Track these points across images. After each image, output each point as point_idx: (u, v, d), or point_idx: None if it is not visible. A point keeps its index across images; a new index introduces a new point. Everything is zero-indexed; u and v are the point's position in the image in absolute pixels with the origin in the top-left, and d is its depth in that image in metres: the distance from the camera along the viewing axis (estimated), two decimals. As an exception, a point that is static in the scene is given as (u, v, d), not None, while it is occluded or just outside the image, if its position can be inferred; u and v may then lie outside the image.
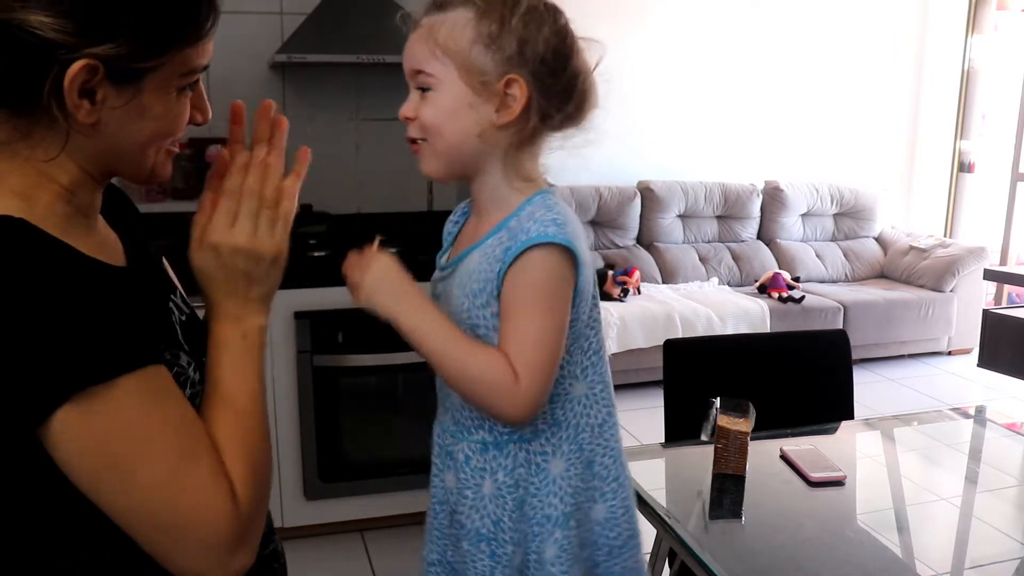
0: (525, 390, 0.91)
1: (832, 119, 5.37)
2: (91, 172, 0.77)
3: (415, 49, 0.94)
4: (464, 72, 0.91)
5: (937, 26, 5.50)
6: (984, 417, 2.14)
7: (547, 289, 0.92)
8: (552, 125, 0.97)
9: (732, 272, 4.95)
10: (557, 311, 0.93)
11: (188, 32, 0.75)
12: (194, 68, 0.77)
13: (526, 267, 0.91)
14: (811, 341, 2.25)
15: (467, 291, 0.96)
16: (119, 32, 0.69)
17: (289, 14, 2.96)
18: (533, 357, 0.91)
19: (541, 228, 0.91)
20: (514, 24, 0.91)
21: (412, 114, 0.95)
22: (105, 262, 0.75)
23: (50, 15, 0.67)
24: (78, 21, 0.68)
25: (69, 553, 0.76)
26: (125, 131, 0.75)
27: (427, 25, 0.93)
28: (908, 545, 1.53)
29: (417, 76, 0.94)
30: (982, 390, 4.41)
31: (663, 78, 4.98)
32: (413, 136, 0.97)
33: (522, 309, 0.92)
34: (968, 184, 5.53)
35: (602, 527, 1.04)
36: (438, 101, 0.93)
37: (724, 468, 1.56)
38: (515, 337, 0.92)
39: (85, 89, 0.70)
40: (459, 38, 0.91)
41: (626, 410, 3.97)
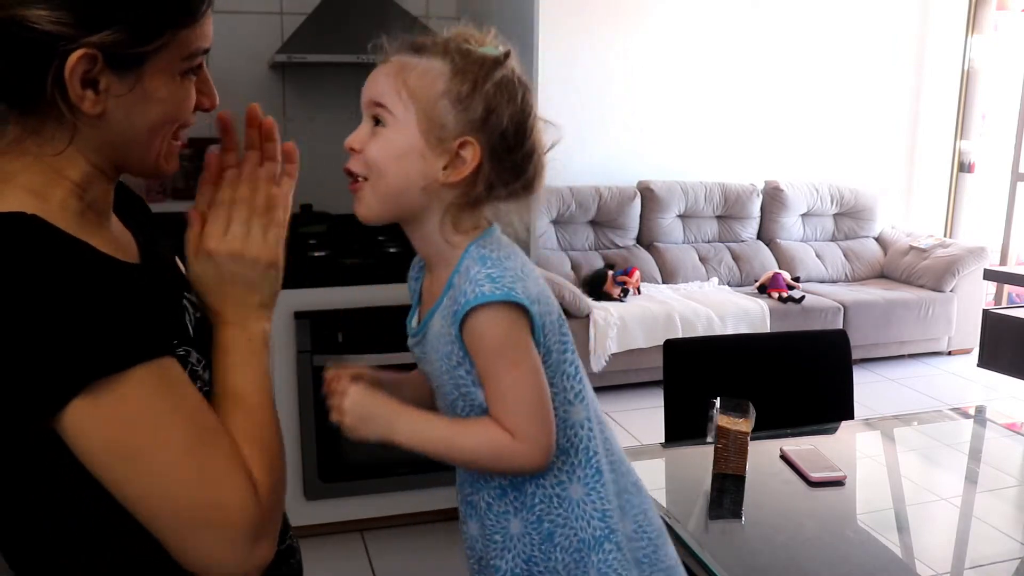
0: (526, 442, 0.93)
1: (832, 119, 5.37)
2: (101, 166, 0.77)
3: (380, 81, 0.93)
4: (424, 120, 0.91)
5: (937, 26, 5.50)
6: (984, 417, 2.14)
7: (503, 345, 0.92)
8: (496, 196, 0.96)
9: (732, 272, 4.95)
10: (522, 359, 0.93)
11: (184, 13, 0.75)
12: (195, 51, 0.77)
13: (473, 332, 0.92)
14: (811, 341, 2.25)
15: (440, 354, 0.97)
16: (115, 19, 0.70)
17: (289, 14, 2.97)
18: (518, 410, 0.93)
19: (476, 288, 0.90)
20: (486, 90, 0.91)
21: (359, 146, 0.94)
22: (118, 258, 0.75)
23: (47, 8, 0.67)
24: (74, 11, 0.68)
25: (69, 553, 0.76)
26: (131, 119, 0.75)
27: (399, 63, 0.93)
28: (908, 545, 1.53)
29: (375, 107, 0.93)
30: (982, 390, 4.41)
31: (663, 78, 4.98)
32: (354, 171, 0.95)
33: (491, 371, 0.93)
34: (968, 184, 5.53)
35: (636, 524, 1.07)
36: (390, 139, 0.93)
37: (724, 468, 1.56)
38: (495, 399, 0.94)
39: (87, 79, 0.71)
40: (429, 87, 0.91)
41: (626, 410, 3.98)
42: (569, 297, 4.07)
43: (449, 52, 0.92)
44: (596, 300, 4.26)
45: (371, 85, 0.94)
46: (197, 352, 0.82)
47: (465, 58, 0.92)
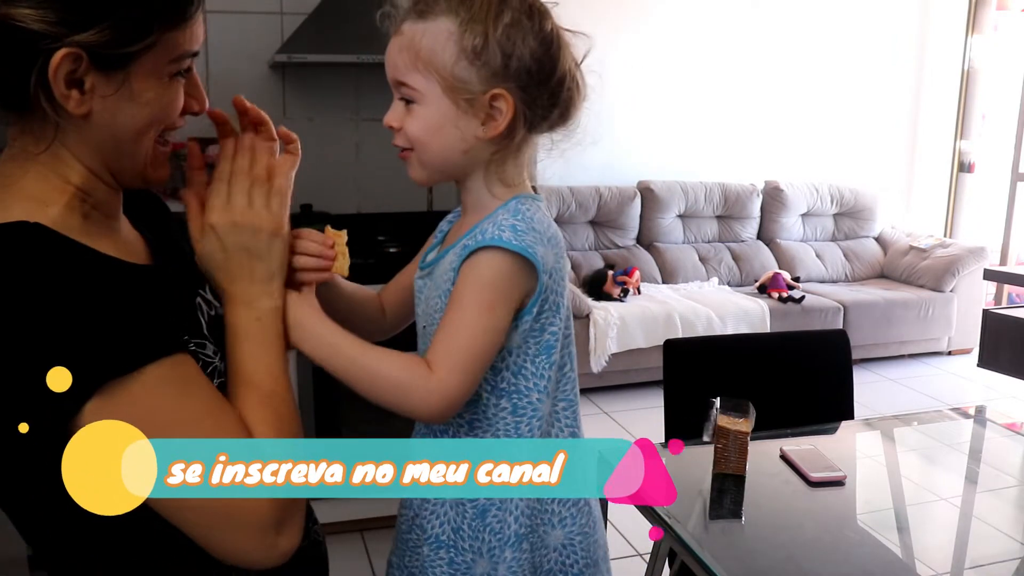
0: (439, 384, 0.87)
1: (832, 119, 5.37)
2: (96, 171, 0.77)
3: (396, 59, 0.91)
4: (448, 88, 0.89)
5: (937, 26, 5.50)
6: (984, 417, 2.14)
7: (489, 287, 0.89)
8: (539, 131, 0.96)
9: (732, 272, 4.95)
10: (496, 310, 0.89)
11: (172, 14, 0.74)
12: (183, 53, 0.77)
13: (471, 266, 0.90)
14: (811, 341, 2.25)
15: (440, 290, 0.95)
16: (100, 18, 0.69)
17: (289, 14, 2.96)
18: (455, 348, 0.88)
19: (496, 232, 0.90)
20: (499, 37, 0.88)
21: (397, 124, 0.93)
22: (123, 260, 0.75)
23: (32, 6, 0.67)
24: (59, 10, 0.68)
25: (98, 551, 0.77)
26: (117, 120, 0.74)
27: (408, 34, 0.90)
28: (908, 545, 1.53)
29: (400, 88, 0.92)
30: (982, 390, 4.41)
31: (663, 78, 4.98)
32: (400, 144, 0.95)
33: (460, 303, 0.89)
34: (968, 184, 5.53)
35: (558, 553, 1.00)
36: (423, 116, 0.91)
37: (724, 468, 1.56)
38: (444, 328, 0.90)
39: (72, 79, 0.70)
40: (442, 54, 0.88)
41: (626, 410, 3.98)
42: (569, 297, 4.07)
43: (452, 6, 0.89)
44: (596, 300, 4.26)
45: (390, 64, 0.92)
46: (212, 345, 0.83)
47: (468, 8, 0.89)
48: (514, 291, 0.91)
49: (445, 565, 0.98)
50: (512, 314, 0.91)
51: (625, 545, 2.71)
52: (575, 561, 1.01)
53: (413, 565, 1.01)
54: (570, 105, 0.95)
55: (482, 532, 0.97)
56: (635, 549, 2.69)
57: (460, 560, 0.97)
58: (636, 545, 2.71)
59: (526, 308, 0.93)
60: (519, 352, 0.94)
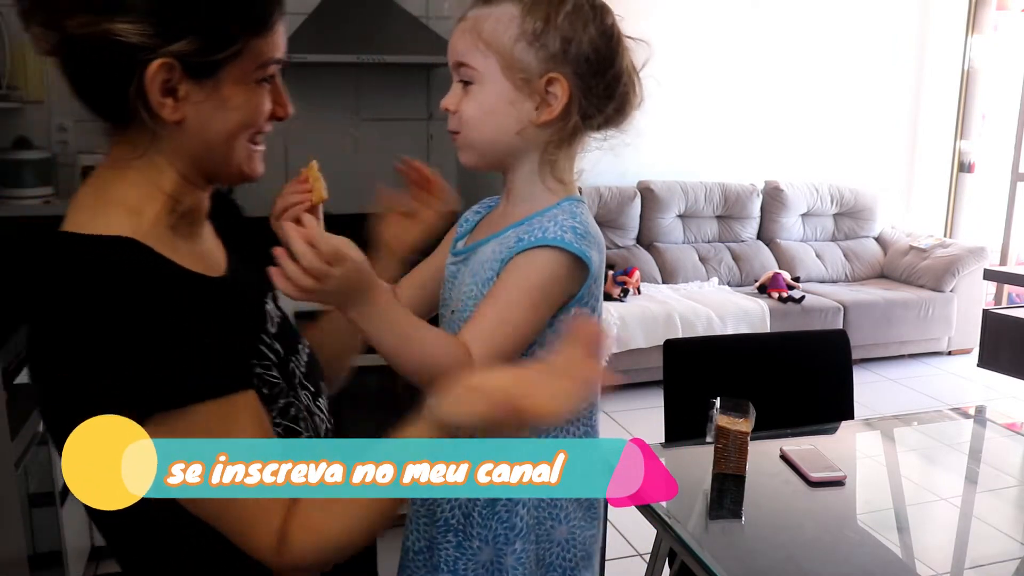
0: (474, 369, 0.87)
1: (832, 119, 5.37)
2: (189, 176, 0.81)
3: (458, 41, 0.94)
4: (506, 68, 0.91)
5: (937, 26, 5.50)
6: (984, 417, 2.14)
7: (540, 287, 0.91)
8: (592, 125, 0.97)
9: (732, 272, 4.95)
10: (540, 311, 0.91)
11: (257, 23, 0.78)
12: (267, 60, 0.80)
13: (530, 260, 0.91)
14: (811, 341, 2.25)
15: (478, 278, 0.96)
16: (191, 29, 0.73)
17: (289, 14, 2.92)
18: (495, 340, 0.89)
19: (559, 232, 0.91)
20: (559, 22, 0.91)
21: (454, 107, 0.95)
22: (204, 274, 0.79)
23: (129, 20, 0.71)
24: (154, 22, 0.72)
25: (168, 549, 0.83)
26: (209, 125, 0.79)
27: (472, 18, 0.93)
28: (908, 545, 1.53)
29: (460, 69, 0.94)
30: (982, 390, 4.41)
31: (663, 78, 4.96)
32: (452, 128, 0.97)
33: (506, 296, 0.90)
34: (968, 184, 5.53)
35: (561, 548, 1.01)
36: (479, 96, 0.93)
37: (724, 468, 1.56)
38: (484, 316, 0.90)
39: (167, 87, 0.75)
40: (503, 34, 0.91)
41: (626, 410, 3.97)
42: (569, 297, 4.07)
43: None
44: (596, 300, 4.26)
45: (452, 47, 0.95)
46: (281, 348, 0.87)
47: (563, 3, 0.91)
48: (563, 292, 0.92)
49: (452, 548, 0.99)
50: (554, 312, 0.93)
51: (625, 545, 2.71)
52: (574, 555, 1.02)
53: (423, 546, 1.01)
54: (625, 103, 0.98)
55: (491, 520, 0.98)
56: (635, 549, 2.69)
57: (467, 545, 0.98)
58: (636, 545, 2.71)
59: (566, 307, 0.94)
60: (550, 347, 0.93)
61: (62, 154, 2.82)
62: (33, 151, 2.72)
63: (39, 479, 1.94)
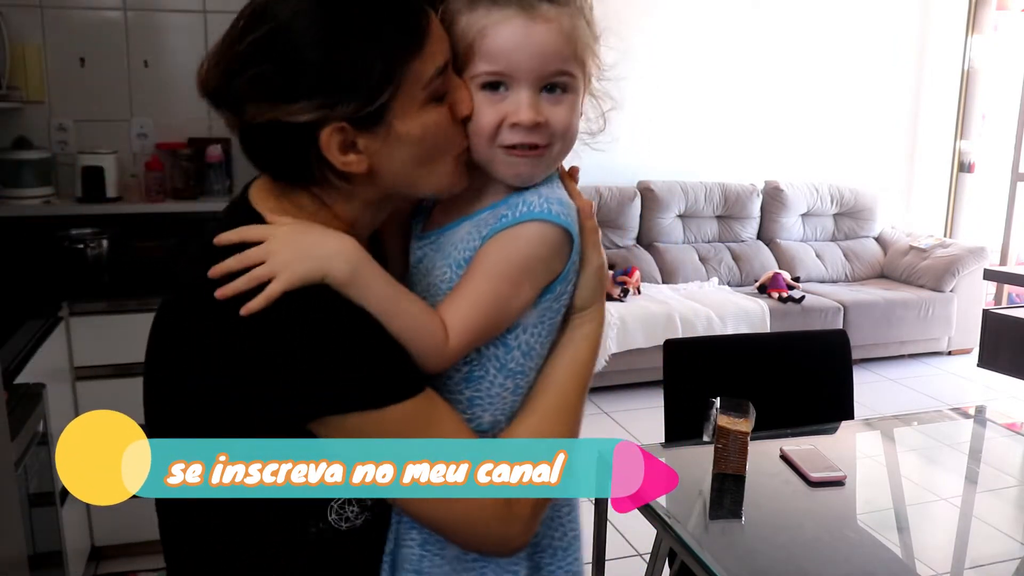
0: (451, 352, 0.84)
1: (832, 119, 5.37)
2: (377, 203, 0.87)
3: (556, 46, 0.84)
4: (587, 73, 0.90)
5: (937, 26, 5.50)
6: (984, 417, 2.14)
7: (526, 263, 0.85)
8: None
9: (732, 272, 4.95)
10: (523, 289, 0.85)
11: (406, 48, 0.78)
12: (430, 78, 0.80)
13: (513, 238, 0.85)
14: (811, 341, 2.25)
15: (451, 261, 0.90)
16: (349, 92, 0.76)
17: (289, 14, 2.96)
18: (473, 324, 0.84)
19: (545, 205, 0.85)
20: (596, 22, 0.91)
21: (543, 119, 0.84)
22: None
23: (295, 102, 0.75)
24: (315, 97, 0.76)
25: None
26: (396, 162, 0.82)
27: (557, 21, 0.84)
28: (908, 545, 1.53)
29: (558, 76, 0.85)
30: (982, 390, 4.41)
31: (663, 78, 4.98)
32: (539, 142, 0.85)
33: (486, 274, 0.84)
34: (968, 184, 5.53)
35: (547, 527, 0.98)
36: (574, 104, 0.87)
37: (724, 468, 1.56)
38: (464, 296, 0.84)
39: (345, 146, 0.78)
40: (588, 42, 0.88)
41: (626, 410, 3.97)
42: (569, 297, 4.07)
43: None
44: (596, 300, 4.26)
45: (546, 52, 0.83)
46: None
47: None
48: (549, 269, 0.87)
49: (416, 547, 0.93)
50: (538, 292, 0.88)
51: (625, 545, 2.71)
52: (563, 534, 0.99)
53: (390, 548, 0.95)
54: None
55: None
56: (635, 549, 2.69)
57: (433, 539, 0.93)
58: (636, 545, 2.71)
59: (550, 287, 0.88)
60: (532, 331, 0.90)
61: (62, 154, 2.81)
62: (33, 151, 2.72)
63: (39, 479, 1.94)
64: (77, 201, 2.76)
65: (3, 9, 2.64)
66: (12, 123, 2.76)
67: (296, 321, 0.77)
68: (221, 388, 0.79)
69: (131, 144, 2.90)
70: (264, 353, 0.77)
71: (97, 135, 2.85)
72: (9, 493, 1.59)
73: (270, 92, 0.76)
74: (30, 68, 2.73)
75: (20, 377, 1.89)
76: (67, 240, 2.66)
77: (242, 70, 0.77)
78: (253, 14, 0.79)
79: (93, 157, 2.76)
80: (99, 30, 2.84)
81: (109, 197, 2.76)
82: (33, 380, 1.94)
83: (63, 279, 2.58)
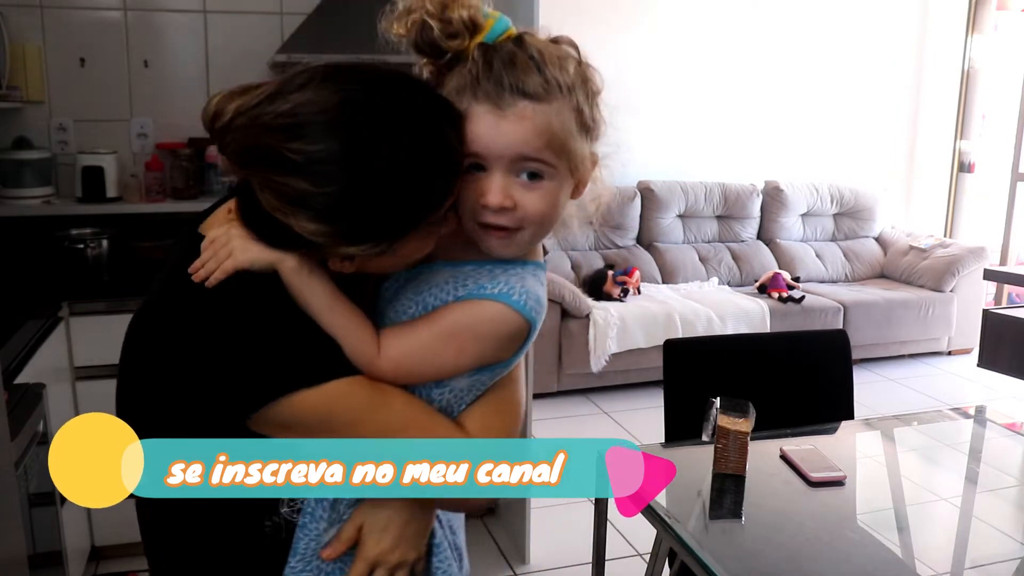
0: (378, 373, 0.86)
1: (832, 119, 5.37)
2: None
3: (529, 140, 0.84)
4: (573, 163, 0.89)
5: (937, 26, 5.50)
6: (984, 417, 2.14)
7: (480, 338, 0.88)
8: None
9: (732, 272, 4.95)
10: (465, 358, 0.88)
11: (436, 209, 0.82)
12: (440, 216, 0.83)
13: (483, 309, 0.88)
14: (811, 341, 2.25)
15: (420, 299, 0.91)
16: (368, 238, 0.78)
17: (289, 14, 2.96)
18: (414, 363, 0.87)
19: (522, 296, 0.88)
20: (599, 107, 0.91)
21: (511, 203, 0.85)
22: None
23: (312, 219, 0.76)
24: (335, 229, 0.77)
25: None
26: (378, 265, 0.86)
27: (532, 116, 0.85)
28: (908, 545, 1.53)
29: (529, 163, 0.86)
30: (982, 390, 4.41)
31: (663, 78, 4.98)
32: (507, 224, 0.87)
33: (443, 327, 0.87)
34: (968, 184, 5.53)
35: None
36: (552, 192, 0.87)
37: (724, 468, 1.56)
38: (420, 336, 0.87)
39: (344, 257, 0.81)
40: (571, 129, 0.87)
41: (626, 410, 3.98)
42: (569, 297, 4.07)
43: (565, 86, 0.87)
44: (596, 300, 4.26)
45: (515, 141, 0.84)
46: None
47: (582, 87, 0.89)
48: (498, 351, 0.90)
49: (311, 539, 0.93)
50: (479, 366, 0.90)
51: (625, 545, 2.71)
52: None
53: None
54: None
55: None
56: (635, 549, 2.69)
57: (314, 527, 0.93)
58: (636, 545, 2.71)
59: (491, 366, 0.91)
60: (458, 393, 0.92)
61: (62, 154, 2.81)
62: (33, 151, 2.72)
63: (39, 479, 1.94)
64: (77, 201, 2.76)
65: (3, 9, 2.64)
66: (12, 123, 2.76)
67: (232, 319, 0.81)
68: (169, 385, 0.83)
69: (131, 144, 2.90)
70: (207, 349, 0.80)
71: (97, 135, 2.85)
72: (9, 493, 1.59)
73: (284, 196, 0.76)
74: (30, 68, 2.73)
75: (20, 377, 1.89)
76: (67, 240, 2.66)
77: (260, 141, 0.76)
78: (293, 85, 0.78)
79: (93, 157, 2.76)
80: (99, 30, 2.84)
81: (109, 197, 2.77)
82: (33, 380, 1.94)
83: (63, 279, 2.58)
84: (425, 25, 0.86)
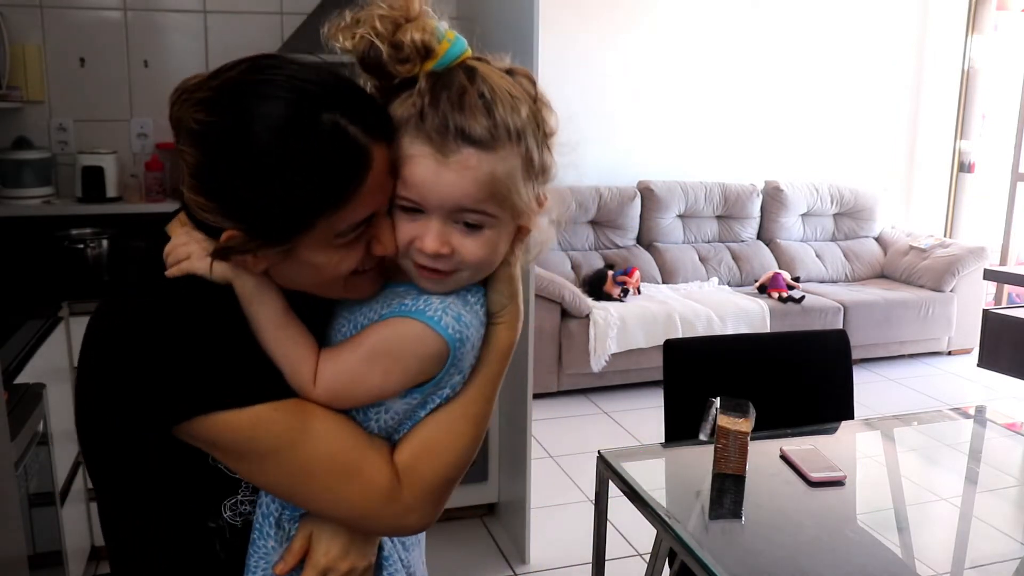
0: (313, 395, 0.85)
1: (832, 119, 5.37)
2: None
3: (470, 190, 0.81)
4: (519, 215, 0.86)
5: (937, 26, 5.50)
6: (984, 417, 2.14)
7: (401, 356, 0.86)
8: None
9: (732, 272, 4.95)
10: (390, 378, 0.86)
11: (328, 205, 0.78)
12: (347, 228, 0.80)
13: (402, 326, 0.86)
14: (811, 341, 2.25)
15: (353, 318, 0.90)
16: (247, 216, 0.78)
17: (289, 14, 2.97)
18: (343, 386, 0.86)
19: (440, 313, 0.86)
20: (549, 150, 0.87)
21: (448, 250, 0.83)
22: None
23: (200, 195, 0.78)
24: (217, 203, 0.78)
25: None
26: (293, 277, 0.84)
27: (477, 166, 0.81)
28: (908, 545, 1.53)
29: (467, 214, 0.83)
30: (982, 390, 4.41)
31: (663, 78, 4.98)
32: (444, 268, 0.85)
33: (368, 347, 0.86)
34: (968, 184, 5.53)
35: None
36: (492, 239, 0.85)
37: (724, 468, 1.56)
38: (347, 360, 0.86)
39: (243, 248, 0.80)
40: (516, 178, 0.84)
41: (626, 410, 3.98)
42: (569, 297, 4.07)
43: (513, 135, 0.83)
44: (596, 300, 4.26)
45: (455, 191, 0.81)
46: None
47: (531, 134, 0.84)
48: (422, 369, 0.87)
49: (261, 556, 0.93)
50: (407, 386, 0.88)
51: (625, 545, 2.71)
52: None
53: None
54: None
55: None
56: (635, 549, 2.69)
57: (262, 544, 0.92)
58: (636, 545, 2.71)
59: (421, 386, 0.88)
60: (394, 416, 0.90)
61: (62, 154, 2.81)
62: (33, 151, 2.72)
63: (39, 479, 1.94)
64: (77, 201, 2.76)
65: (3, 9, 2.64)
66: (12, 123, 2.76)
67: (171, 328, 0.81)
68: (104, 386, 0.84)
69: (131, 144, 2.90)
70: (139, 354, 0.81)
71: (97, 135, 2.85)
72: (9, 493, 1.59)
73: (188, 166, 0.79)
74: (30, 68, 2.73)
75: (20, 377, 1.89)
76: (67, 240, 2.66)
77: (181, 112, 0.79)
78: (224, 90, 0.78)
79: (93, 157, 2.76)
80: (99, 30, 2.84)
81: (109, 197, 2.77)
82: (33, 380, 1.95)
83: (63, 279, 2.58)
84: (373, 46, 0.83)
